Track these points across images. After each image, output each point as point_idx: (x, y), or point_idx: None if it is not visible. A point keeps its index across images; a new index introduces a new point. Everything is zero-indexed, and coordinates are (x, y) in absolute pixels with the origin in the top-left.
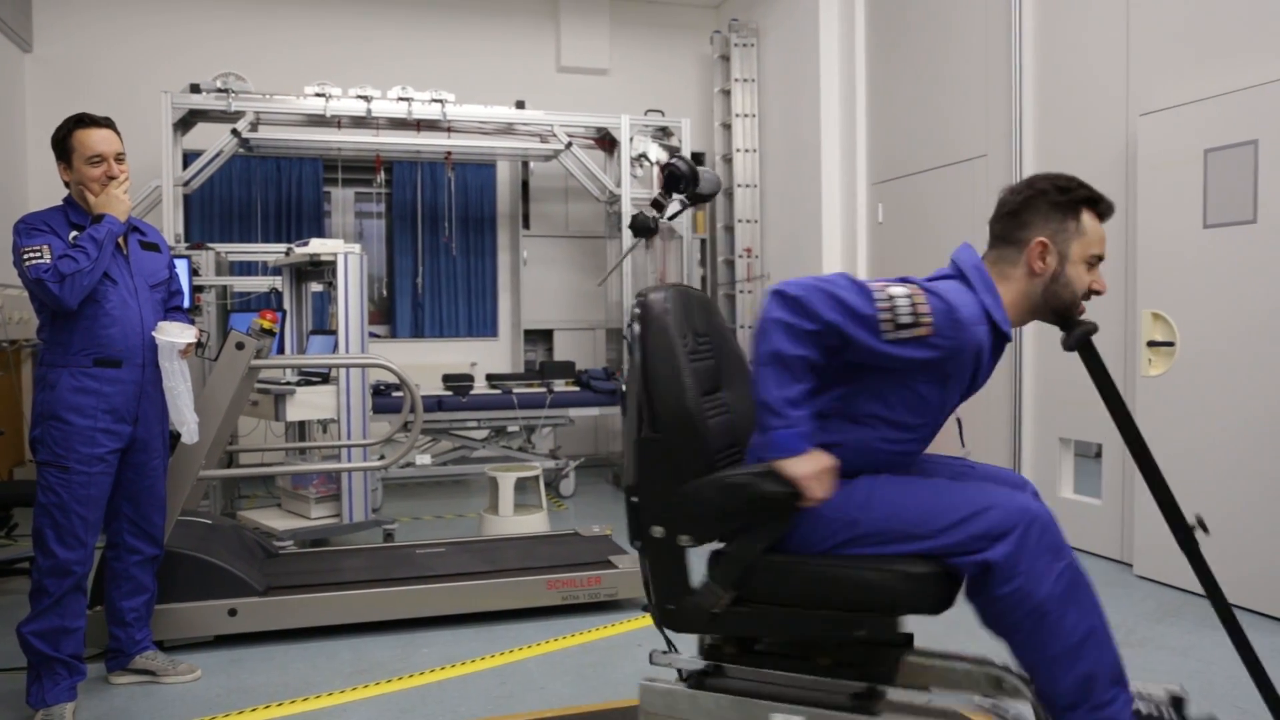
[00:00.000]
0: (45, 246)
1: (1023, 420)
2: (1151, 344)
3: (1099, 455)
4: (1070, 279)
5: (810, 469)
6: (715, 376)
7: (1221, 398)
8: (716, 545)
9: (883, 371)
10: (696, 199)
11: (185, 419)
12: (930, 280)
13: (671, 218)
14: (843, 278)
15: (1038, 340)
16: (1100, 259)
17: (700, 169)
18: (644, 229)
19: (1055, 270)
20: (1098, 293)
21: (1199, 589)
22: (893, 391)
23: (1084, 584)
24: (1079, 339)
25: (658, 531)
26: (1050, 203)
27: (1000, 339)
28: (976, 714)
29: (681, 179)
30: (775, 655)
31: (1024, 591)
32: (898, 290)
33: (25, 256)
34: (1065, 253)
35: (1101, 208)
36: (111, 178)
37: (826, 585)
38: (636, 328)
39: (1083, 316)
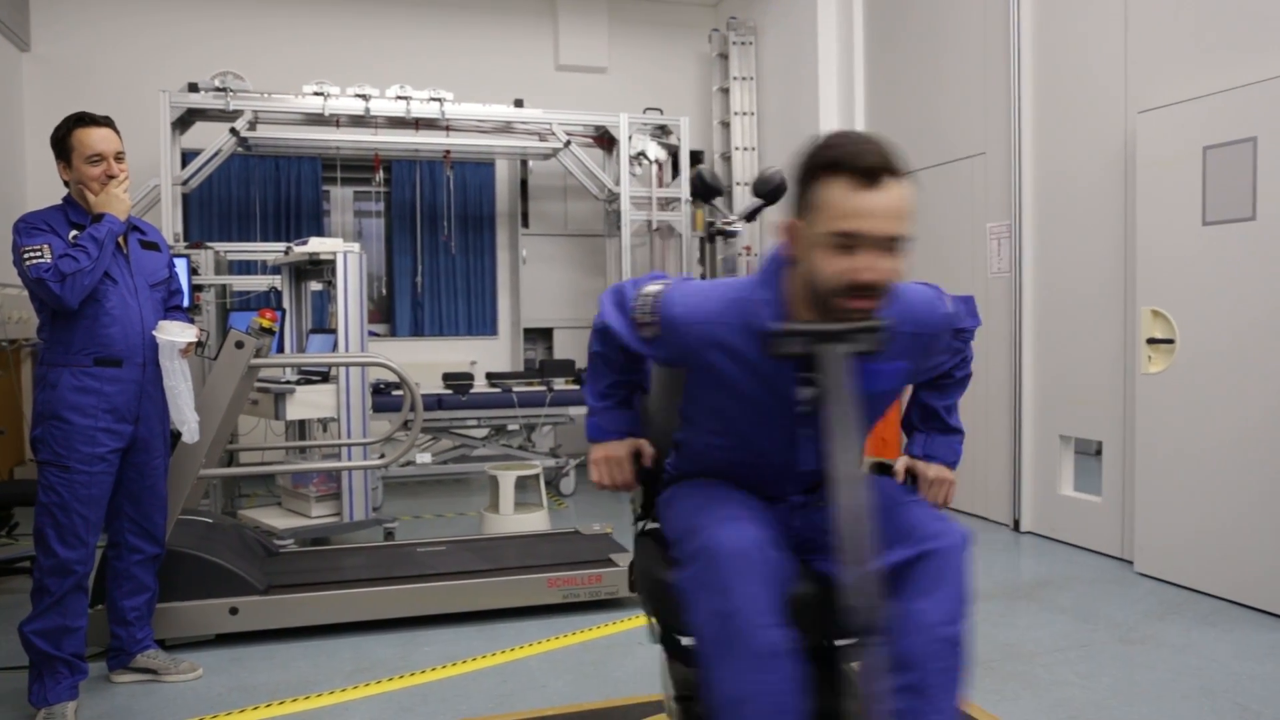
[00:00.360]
0: (46, 246)
1: (1022, 418)
2: (1151, 341)
3: (1099, 453)
4: (815, 264)
5: (597, 454)
6: None
7: (1221, 395)
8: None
9: (691, 380)
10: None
11: (186, 418)
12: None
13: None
14: (648, 276)
15: (1037, 338)
16: (852, 236)
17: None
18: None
19: (807, 252)
20: (860, 285)
21: (1200, 586)
22: (693, 395)
23: (740, 642)
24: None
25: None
26: (796, 175)
27: (768, 338)
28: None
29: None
30: None
31: (693, 622)
32: (653, 288)
33: (25, 256)
34: (810, 233)
35: (844, 167)
36: (111, 177)
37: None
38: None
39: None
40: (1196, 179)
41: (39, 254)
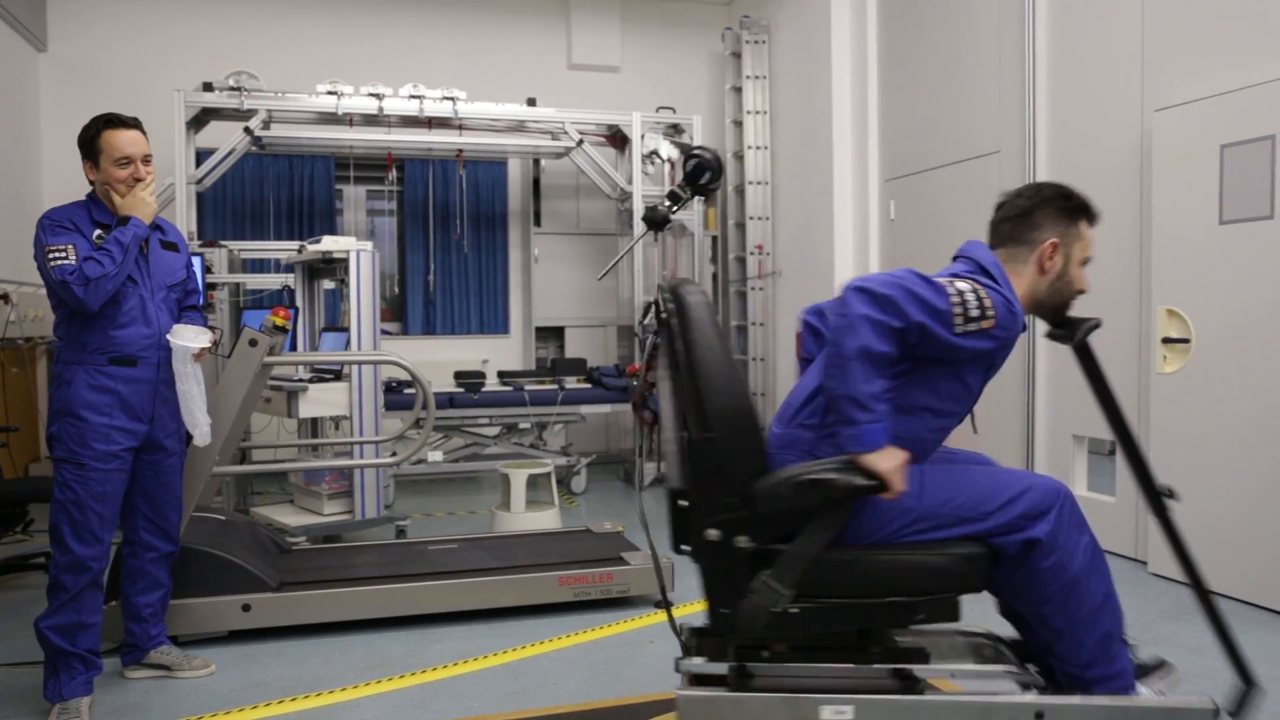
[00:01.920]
0: (71, 246)
1: (1036, 417)
2: (1166, 341)
3: (1113, 452)
4: (1072, 278)
5: (895, 462)
6: None
7: (1237, 394)
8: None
9: (936, 363)
10: (704, 190)
11: (198, 421)
12: (955, 274)
13: (676, 210)
14: (912, 274)
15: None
16: (1089, 261)
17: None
18: (658, 221)
19: (1061, 269)
20: (1084, 292)
21: (1215, 587)
22: (943, 382)
23: (1101, 554)
24: (1087, 332)
25: (714, 534)
26: (1058, 208)
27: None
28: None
29: (708, 169)
30: (802, 650)
31: (1061, 565)
32: (963, 285)
33: (51, 256)
34: (1070, 254)
35: (1093, 216)
36: (138, 179)
37: (888, 574)
38: (675, 323)
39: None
40: (1213, 177)
41: (64, 254)
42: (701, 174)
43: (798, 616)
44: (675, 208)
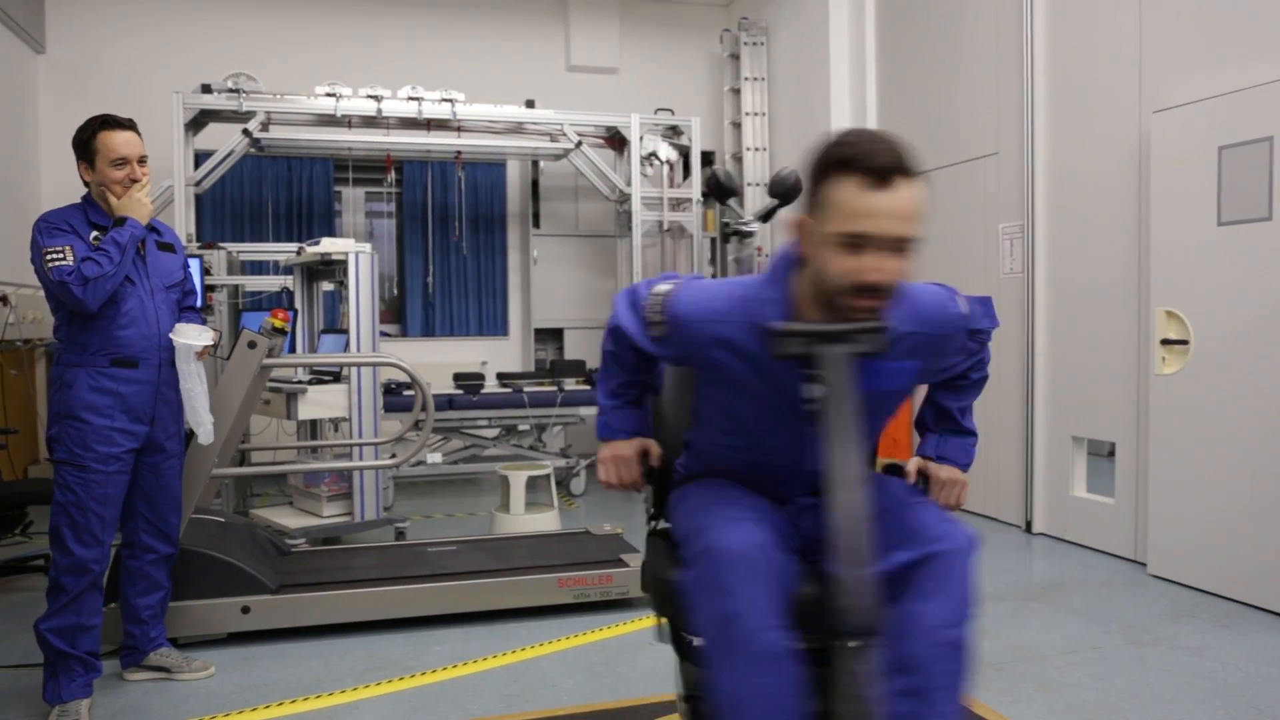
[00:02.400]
0: (68, 248)
1: (1035, 419)
2: (1165, 342)
3: (1112, 454)
4: (822, 263)
5: (605, 453)
6: None
7: (1236, 396)
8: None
9: (700, 378)
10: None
11: (201, 419)
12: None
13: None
14: (661, 277)
15: (1049, 338)
16: (860, 237)
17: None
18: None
19: (816, 250)
20: (866, 286)
21: (1214, 588)
22: (702, 393)
23: (739, 642)
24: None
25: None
26: (809, 173)
27: (770, 337)
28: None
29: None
30: None
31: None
32: (664, 287)
33: (48, 257)
34: (824, 228)
35: (856, 166)
36: (134, 180)
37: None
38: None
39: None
40: (1212, 179)
41: (61, 256)
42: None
43: None
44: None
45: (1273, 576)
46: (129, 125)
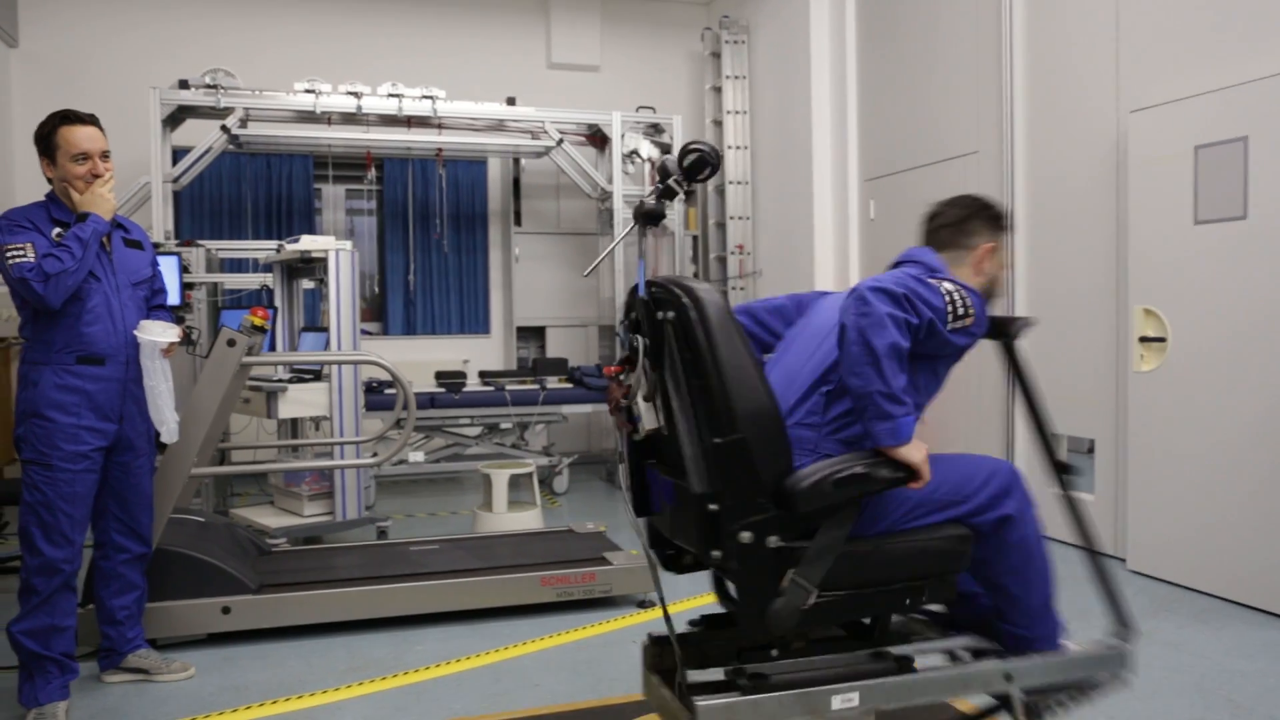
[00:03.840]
0: (29, 245)
1: (1016, 416)
2: (1143, 340)
3: (1091, 450)
4: (1000, 280)
5: (923, 453)
6: None
7: (1213, 393)
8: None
9: (920, 358)
10: (697, 183)
11: (165, 418)
12: (915, 276)
13: (670, 205)
14: (910, 276)
15: (1030, 335)
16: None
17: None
18: (655, 216)
19: (993, 273)
20: (1002, 295)
21: (1192, 584)
22: (921, 375)
23: (1042, 521)
24: (1021, 329)
25: (746, 537)
26: (989, 216)
27: None
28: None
29: (709, 165)
30: (804, 646)
31: (1025, 537)
32: (949, 285)
33: (8, 255)
34: (1000, 258)
35: (1010, 226)
36: (96, 176)
37: (898, 560)
38: (693, 316)
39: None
40: (1188, 178)
41: (22, 253)
42: (703, 169)
43: (819, 611)
44: (670, 202)
45: (1251, 572)
46: (90, 120)
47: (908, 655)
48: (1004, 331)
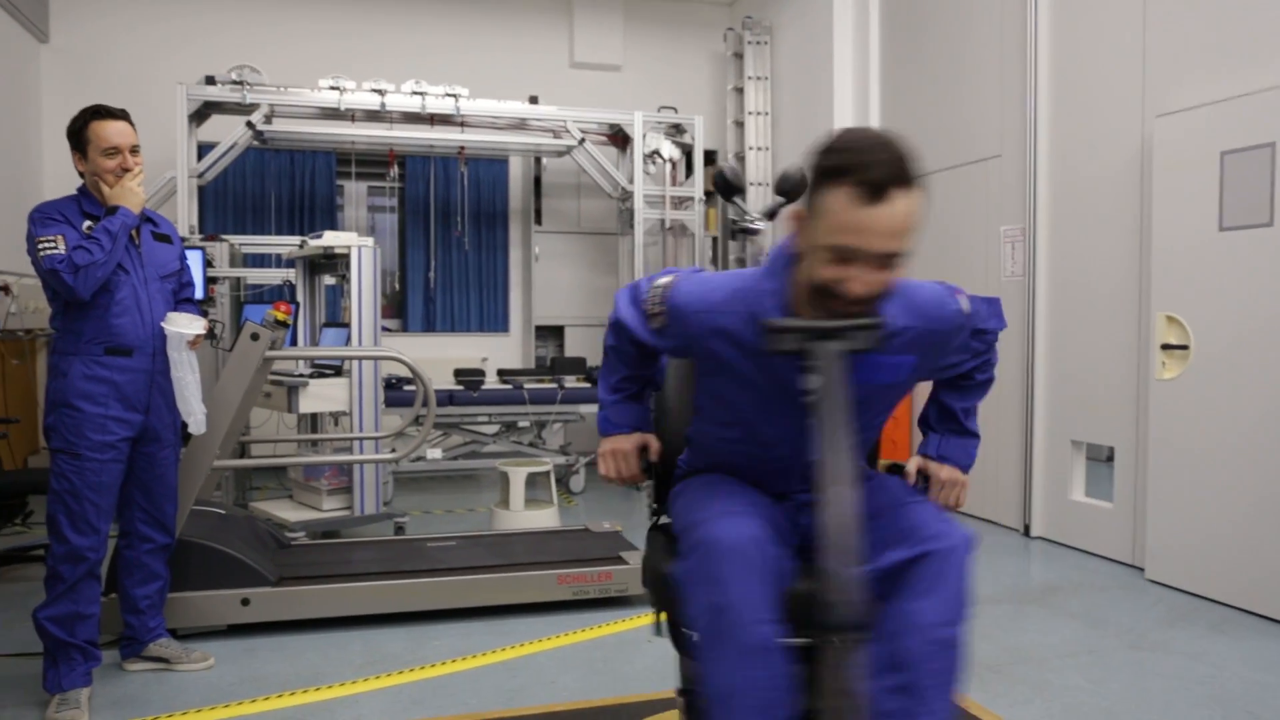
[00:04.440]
0: (60, 237)
1: (1034, 422)
2: (1165, 347)
3: (1110, 459)
4: (811, 264)
5: (605, 447)
6: None
7: (1236, 402)
8: None
9: (699, 370)
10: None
11: (193, 409)
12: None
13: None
14: (663, 272)
15: (1049, 342)
16: (849, 250)
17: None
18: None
19: (809, 245)
20: (847, 296)
21: (1211, 593)
22: (702, 385)
23: (730, 634)
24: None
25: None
26: (811, 171)
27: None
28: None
29: (737, 188)
30: None
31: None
32: (664, 280)
33: (40, 247)
34: (819, 223)
35: (853, 176)
36: (126, 170)
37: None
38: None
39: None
40: (1213, 184)
41: (53, 245)
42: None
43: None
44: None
45: (1271, 583)
46: (121, 115)
47: None
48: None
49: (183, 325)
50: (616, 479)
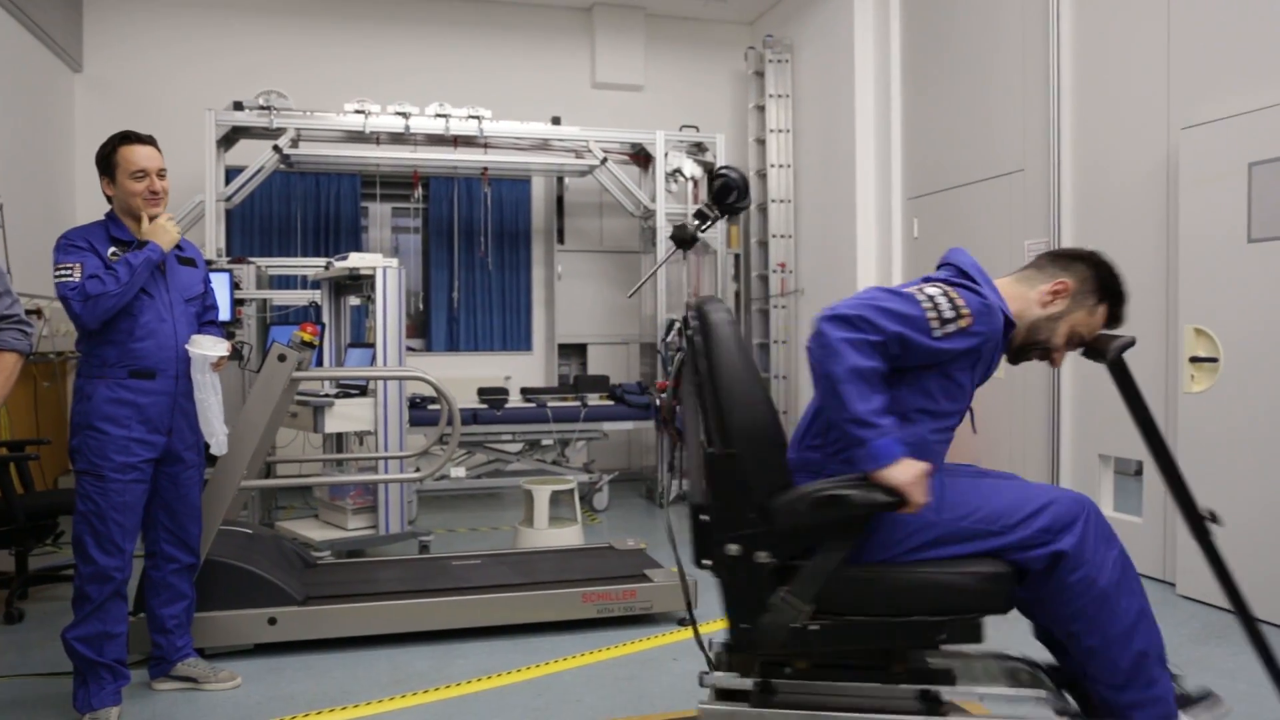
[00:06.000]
0: (78, 265)
1: (1061, 436)
2: (1194, 360)
3: (1139, 472)
4: (1058, 331)
5: (912, 475)
6: None
7: (1266, 415)
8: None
9: (923, 367)
10: (731, 210)
11: (215, 430)
12: (927, 279)
13: (705, 229)
14: (879, 290)
15: (1075, 356)
16: (1082, 343)
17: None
18: (686, 240)
19: (1056, 315)
20: (1053, 362)
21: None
22: (933, 383)
23: (1132, 568)
24: (1121, 349)
25: (734, 549)
26: (1095, 274)
27: (1008, 327)
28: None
29: (734, 189)
30: (826, 667)
31: (1090, 578)
32: (932, 290)
33: (58, 273)
34: (1073, 312)
35: (1118, 307)
36: (154, 192)
37: (910, 592)
38: (699, 339)
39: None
40: (1242, 195)
41: (69, 273)
42: (728, 194)
43: (817, 633)
44: (703, 226)
45: None
46: (148, 140)
47: (935, 693)
48: (1098, 352)
49: (206, 348)
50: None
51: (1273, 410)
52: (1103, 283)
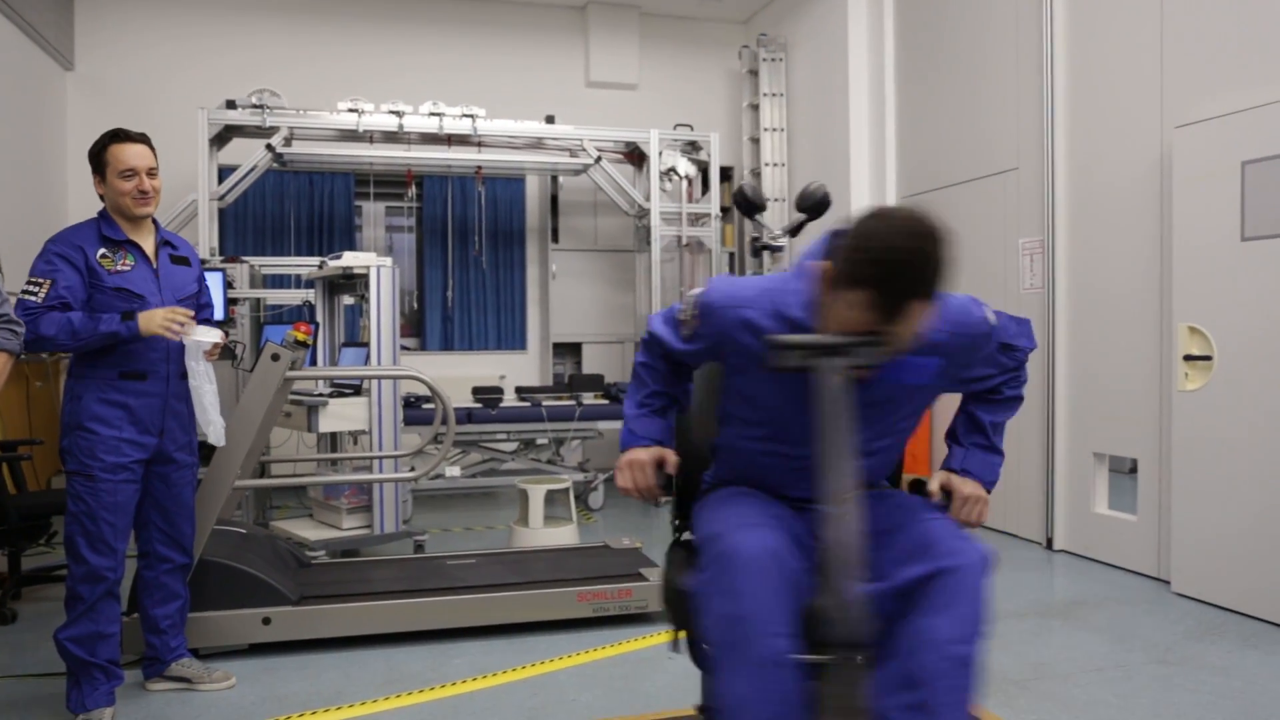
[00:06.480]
0: (47, 283)
1: (1055, 435)
2: (1188, 358)
3: (1134, 470)
4: (829, 317)
5: (623, 459)
6: None
7: (1261, 413)
8: None
9: (728, 371)
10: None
11: (211, 419)
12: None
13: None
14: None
15: (1070, 354)
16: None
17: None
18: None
19: (824, 300)
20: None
21: (1240, 606)
22: (731, 388)
23: (744, 646)
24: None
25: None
26: (839, 247)
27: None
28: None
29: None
30: None
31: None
32: (697, 289)
33: (26, 284)
34: (832, 299)
35: (876, 292)
36: (143, 191)
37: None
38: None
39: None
40: (1235, 194)
41: (36, 290)
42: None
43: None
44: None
45: None
46: (140, 138)
47: None
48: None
49: (200, 334)
50: (634, 491)
51: (1267, 408)
52: (846, 264)
